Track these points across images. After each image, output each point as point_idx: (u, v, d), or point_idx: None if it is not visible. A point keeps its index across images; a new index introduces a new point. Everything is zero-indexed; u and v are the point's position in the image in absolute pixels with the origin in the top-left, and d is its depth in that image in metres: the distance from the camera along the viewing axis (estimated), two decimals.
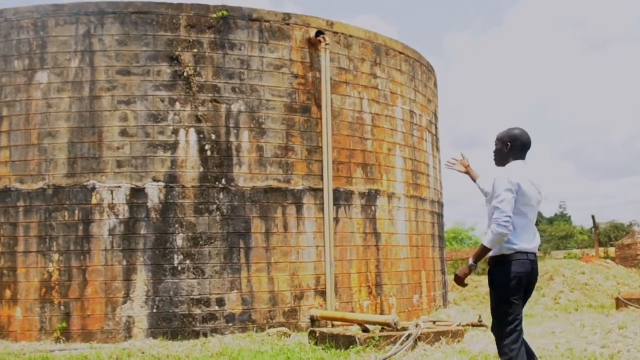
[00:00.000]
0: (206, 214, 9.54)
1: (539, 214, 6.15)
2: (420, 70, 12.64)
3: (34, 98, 9.56)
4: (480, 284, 15.70)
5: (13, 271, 9.35)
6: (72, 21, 9.61)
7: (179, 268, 9.37)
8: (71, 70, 9.54)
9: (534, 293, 6.37)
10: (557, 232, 57.20)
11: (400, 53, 11.88)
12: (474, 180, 5.94)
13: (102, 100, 9.49)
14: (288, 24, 10.30)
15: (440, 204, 13.61)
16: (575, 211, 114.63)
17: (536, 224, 5.19)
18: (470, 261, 4.91)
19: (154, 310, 9.23)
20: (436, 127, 13.66)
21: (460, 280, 4.98)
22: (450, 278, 16.52)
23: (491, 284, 4.90)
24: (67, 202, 9.35)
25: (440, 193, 13.64)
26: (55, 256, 9.29)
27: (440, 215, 13.42)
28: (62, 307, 9.20)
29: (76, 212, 9.33)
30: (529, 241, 4.89)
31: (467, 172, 6.03)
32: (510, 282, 4.76)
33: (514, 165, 5.00)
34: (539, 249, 5.21)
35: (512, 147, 5.04)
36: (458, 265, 24.90)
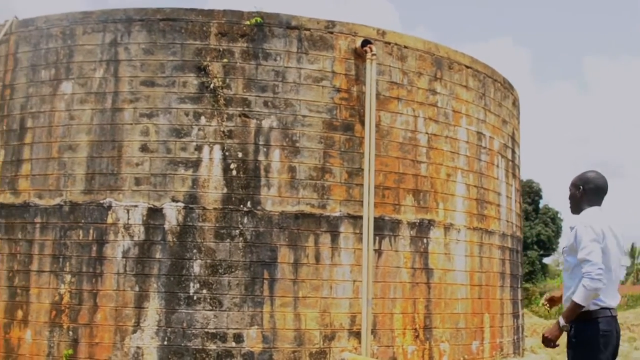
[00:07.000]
0: (228, 240, 8.65)
1: None
2: (494, 87, 11.25)
3: (58, 109, 9.07)
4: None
5: (26, 291, 8.84)
6: (99, 29, 9.08)
7: (195, 298, 8.52)
8: (95, 81, 8.98)
9: (626, 345, 5.60)
10: None
11: (467, 67, 10.58)
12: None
13: (124, 112, 8.86)
14: (332, 33, 9.30)
15: (516, 238, 12.06)
16: None
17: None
18: (562, 322, 4.46)
19: (165, 343, 8.42)
20: (514, 152, 12.16)
21: (548, 342, 4.56)
22: (529, 322, 14.81)
23: (575, 344, 4.53)
24: (83, 221, 8.75)
25: (516, 226, 12.09)
26: (68, 277, 8.70)
27: (514, 251, 11.87)
28: (70, 333, 8.58)
29: (91, 231, 8.72)
30: (613, 297, 4.59)
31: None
32: (598, 342, 4.46)
33: (590, 212, 4.69)
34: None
35: (585, 192, 4.78)
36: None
